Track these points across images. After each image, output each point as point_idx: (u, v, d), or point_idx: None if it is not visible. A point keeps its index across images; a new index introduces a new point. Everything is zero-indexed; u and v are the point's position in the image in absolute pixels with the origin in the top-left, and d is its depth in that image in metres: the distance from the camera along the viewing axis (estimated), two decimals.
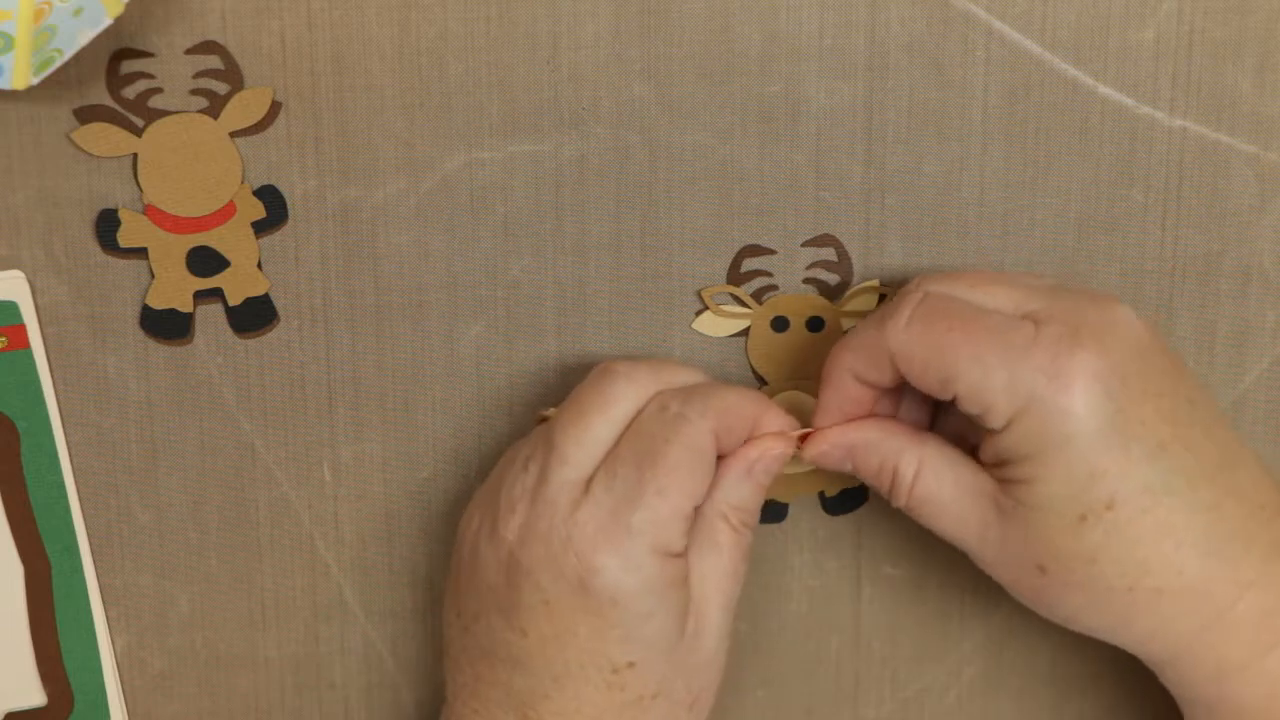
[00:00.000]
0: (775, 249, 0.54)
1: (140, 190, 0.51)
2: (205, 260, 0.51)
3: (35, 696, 0.54)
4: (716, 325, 0.54)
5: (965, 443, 0.50)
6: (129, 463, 0.53)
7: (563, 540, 0.47)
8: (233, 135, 0.50)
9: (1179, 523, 0.46)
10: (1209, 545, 0.47)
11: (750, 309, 0.54)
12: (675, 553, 0.48)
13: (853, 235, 0.54)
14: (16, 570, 0.53)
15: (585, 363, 0.53)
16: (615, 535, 0.47)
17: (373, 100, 0.51)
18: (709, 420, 0.48)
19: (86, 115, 0.50)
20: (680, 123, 0.52)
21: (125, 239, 0.51)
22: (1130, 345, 0.47)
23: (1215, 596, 0.47)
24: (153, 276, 0.51)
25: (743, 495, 0.49)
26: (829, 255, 0.54)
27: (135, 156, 0.50)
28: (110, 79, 0.49)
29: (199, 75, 0.50)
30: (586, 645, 0.47)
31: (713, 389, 0.49)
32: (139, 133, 0.50)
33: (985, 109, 0.53)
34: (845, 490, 0.56)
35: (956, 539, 0.49)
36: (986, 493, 0.48)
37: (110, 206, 0.51)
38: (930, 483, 0.49)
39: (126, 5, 0.46)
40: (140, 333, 0.52)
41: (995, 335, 0.46)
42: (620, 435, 0.48)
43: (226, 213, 0.51)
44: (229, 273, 0.52)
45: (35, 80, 0.46)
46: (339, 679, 0.56)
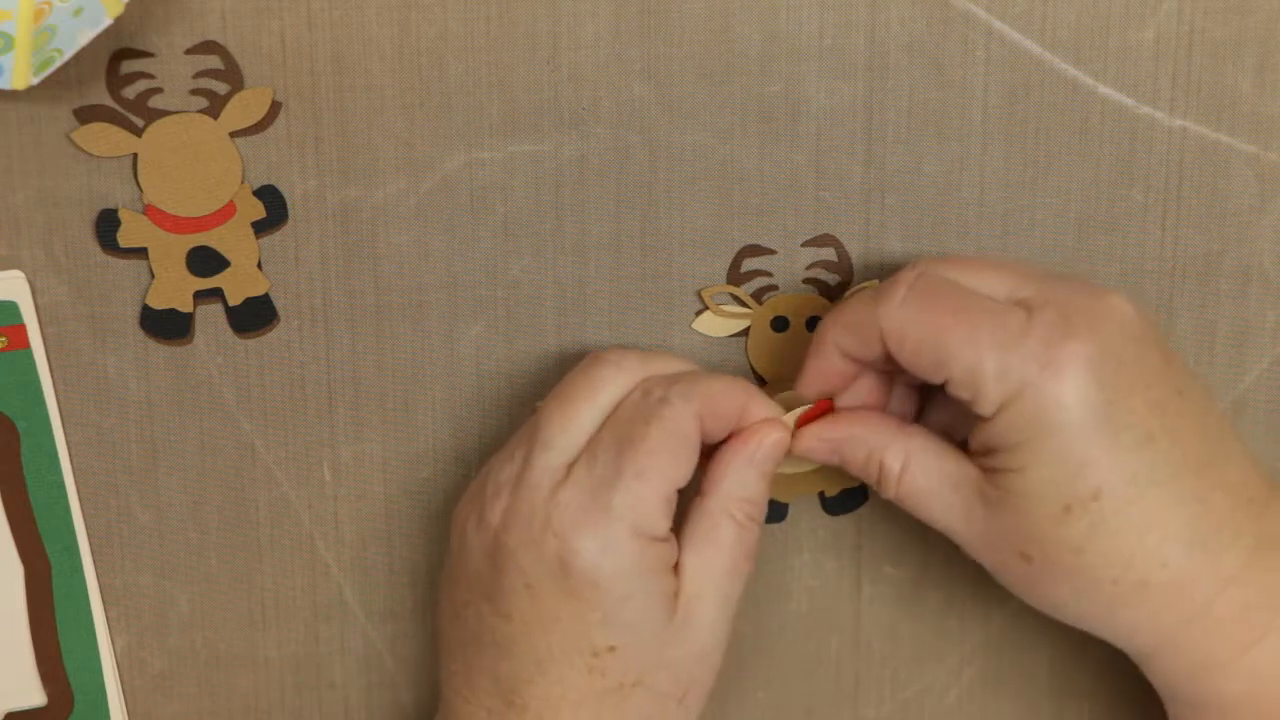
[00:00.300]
0: (775, 249, 0.54)
1: (140, 190, 0.51)
2: (205, 260, 0.51)
3: (35, 696, 0.54)
4: (716, 325, 0.54)
5: (952, 436, 0.50)
6: (129, 463, 0.53)
7: (543, 522, 0.47)
8: (233, 135, 0.50)
9: (1165, 515, 0.46)
10: (1194, 538, 0.46)
11: (750, 309, 0.54)
12: (657, 536, 0.47)
13: (853, 235, 0.54)
14: (16, 570, 0.53)
15: None
16: (595, 516, 0.47)
17: (373, 100, 0.51)
18: (693, 405, 0.48)
19: (86, 115, 0.50)
20: (680, 123, 0.52)
21: (125, 239, 0.51)
22: (1122, 334, 0.46)
23: (1198, 590, 0.47)
24: (153, 276, 0.51)
25: (748, 486, 0.49)
26: (829, 255, 0.54)
27: (135, 156, 0.50)
28: (110, 79, 0.49)
29: (199, 75, 0.50)
30: (568, 629, 0.47)
31: (699, 376, 0.49)
32: (139, 133, 0.50)
33: (985, 109, 0.53)
34: (845, 490, 0.56)
35: (943, 527, 0.49)
36: (972, 482, 0.48)
37: (110, 206, 0.51)
38: (917, 475, 0.49)
39: (126, 5, 0.46)
40: (140, 333, 0.52)
41: (989, 320, 0.46)
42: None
43: (226, 213, 0.51)
44: (229, 273, 0.52)
45: (35, 80, 0.46)
46: (339, 679, 0.56)
